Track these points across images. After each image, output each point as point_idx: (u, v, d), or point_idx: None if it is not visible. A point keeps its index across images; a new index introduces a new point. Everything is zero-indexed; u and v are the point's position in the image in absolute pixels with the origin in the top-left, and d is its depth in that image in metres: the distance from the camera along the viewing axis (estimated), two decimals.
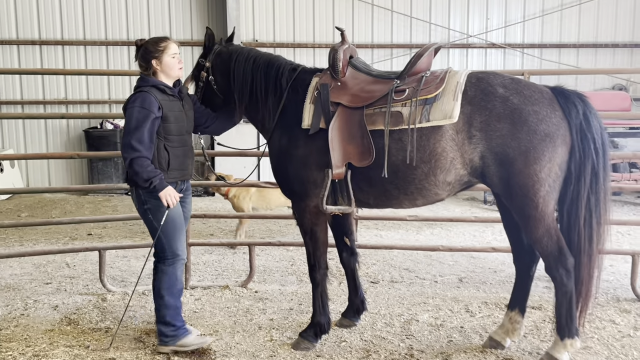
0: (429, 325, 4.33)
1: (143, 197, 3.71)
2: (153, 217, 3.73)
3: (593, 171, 3.37)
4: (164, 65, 3.74)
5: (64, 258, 6.26)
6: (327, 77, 3.84)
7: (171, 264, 3.79)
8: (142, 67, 3.78)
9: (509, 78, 3.52)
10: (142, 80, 3.76)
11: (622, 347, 3.91)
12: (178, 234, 3.80)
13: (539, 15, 12.13)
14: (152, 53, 3.73)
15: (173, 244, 3.77)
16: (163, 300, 3.79)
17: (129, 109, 3.63)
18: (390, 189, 3.64)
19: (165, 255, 3.79)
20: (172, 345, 3.82)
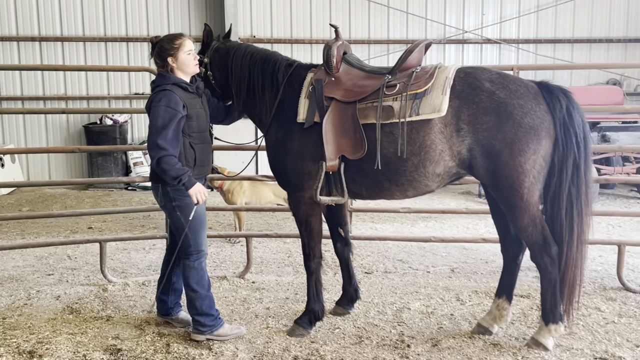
0: (420, 313, 4.47)
1: (171, 195, 3.76)
2: (181, 213, 3.78)
3: (574, 164, 3.51)
4: (179, 62, 3.78)
5: (65, 250, 6.39)
6: (321, 72, 3.96)
7: (197, 259, 3.88)
8: (159, 65, 3.80)
9: (496, 73, 3.65)
10: (163, 78, 3.77)
11: (606, 332, 4.04)
12: (203, 229, 3.90)
13: (534, 10, 12.24)
14: (167, 51, 3.76)
15: (198, 240, 3.86)
16: (197, 294, 3.87)
17: (154, 107, 3.65)
18: (382, 181, 3.77)
19: (190, 251, 3.85)
20: (208, 334, 3.92)
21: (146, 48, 11.67)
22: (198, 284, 3.89)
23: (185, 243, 3.84)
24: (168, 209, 3.84)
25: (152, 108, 3.67)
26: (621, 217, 7.82)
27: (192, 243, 3.84)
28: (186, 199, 3.73)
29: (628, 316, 4.35)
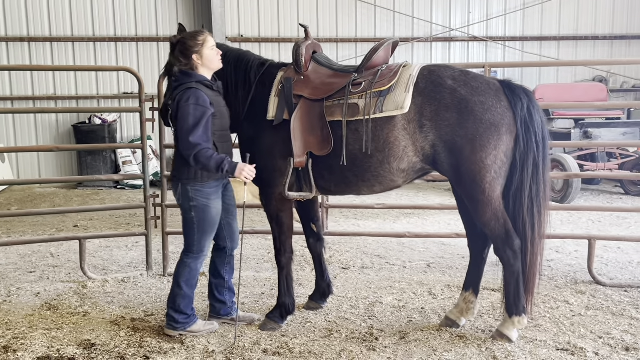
0: (392, 307, 4.55)
1: (190, 194, 3.79)
2: (196, 214, 3.82)
3: (534, 163, 3.61)
4: (205, 59, 3.77)
5: (49, 248, 6.46)
6: (291, 71, 4.04)
7: (195, 258, 3.93)
8: (182, 63, 3.77)
9: (459, 71, 3.73)
10: (187, 76, 3.75)
11: (572, 324, 4.12)
12: (211, 232, 3.94)
13: (520, 8, 12.33)
14: (192, 48, 3.74)
15: (203, 241, 3.91)
16: (181, 290, 3.93)
17: (183, 107, 3.63)
18: (349, 177, 3.85)
19: (192, 249, 3.91)
20: (181, 330, 3.99)
21: (134, 48, 11.77)
22: (187, 283, 3.95)
23: (190, 241, 3.90)
24: (184, 207, 3.86)
25: (180, 107, 3.65)
26: (602, 213, 7.92)
27: (196, 242, 3.89)
28: (204, 200, 3.80)
29: (595, 309, 4.43)
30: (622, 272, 5.41)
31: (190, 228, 3.88)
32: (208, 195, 3.84)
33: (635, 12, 12.61)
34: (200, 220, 3.84)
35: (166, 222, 5.50)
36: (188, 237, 3.92)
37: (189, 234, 3.91)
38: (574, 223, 7.55)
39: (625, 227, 7.27)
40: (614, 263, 5.68)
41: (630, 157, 9.31)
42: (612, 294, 4.74)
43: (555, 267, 5.57)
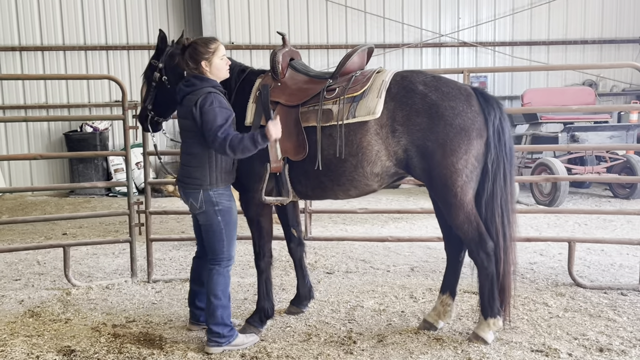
0: (372, 310, 4.58)
1: (214, 199, 3.74)
2: (222, 218, 3.76)
3: (505, 171, 3.69)
4: (213, 67, 3.75)
5: (35, 256, 6.49)
6: (268, 78, 4.09)
7: (227, 266, 3.85)
8: (191, 67, 3.75)
9: (431, 76, 3.78)
10: (203, 81, 3.72)
11: (548, 326, 4.15)
12: (235, 235, 3.89)
13: (509, 13, 12.41)
14: (202, 54, 3.71)
15: (231, 246, 3.86)
16: (221, 302, 3.81)
17: (208, 109, 3.60)
18: (325, 181, 3.89)
19: (222, 257, 3.83)
20: (225, 345, 3.86)
21: (125, 56, 11.84)
22: (224, 292, 3.84)
23: (219, 249, 3.82)
24: (209, 214, 3.77)
25: (205, 111, 3.60)
26: (589, 215, 7.96)
27: (226, 249, 3.83)
28: (228, 202, 3.79)
29: (573, 310, 4.46)
30: (603, 274, 5.45)
31: (219, 235, 3.79)
32: (229, 197, 3.83)
33: (624, 16, 12.70)
34: (227, 224, 3.80)
35: (150, 228, 5.53)
36: (216, 245, 3.81)
37: (217, 242, 3.81)
38: (560, 226, 7.59)
39: (610, 230, 7.31)
40: (596, 265, 5.71)
41: (618, 160, 9.36)
42: (591, 296, 4.77)
43: (538, 269, 5.61)
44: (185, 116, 3.73)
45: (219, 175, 3.77)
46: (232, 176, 3.88)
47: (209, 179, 3.76)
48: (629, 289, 4.91)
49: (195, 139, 3.73)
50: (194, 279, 4.22)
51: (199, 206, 3.79)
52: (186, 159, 3.84)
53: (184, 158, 3.86)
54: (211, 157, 3.74)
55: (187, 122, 3.74)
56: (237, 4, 11.92)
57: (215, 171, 3.76)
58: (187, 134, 3.79)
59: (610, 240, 5.42)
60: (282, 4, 12.01)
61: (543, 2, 12.38)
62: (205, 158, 3.74)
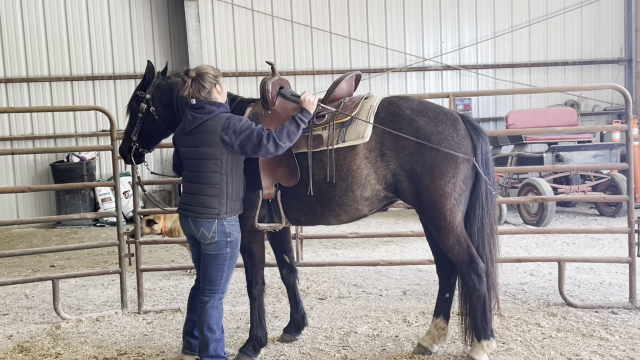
0: (367, 336, 4.56)
1: (227, 230, 3.73)
2: (230, 250, 3.77)
3: (492, 200, 3.81)
4: (223, 91, 3.86)
5: (23, 290, 6.40)
6: (258, 106, 4.13)
7: (220, 298, 3.84)
8: (203, 92, 3.76)
9: (418, 101, 3.84)
10: (218, 106, 3.77)
11: (542, 347, 4.16)
12: (233, 270, 3.89)
13: (491, 37, 12.65)
14: (215, 78, 3.80)
15: (230, 278, 3.86)
16: (215, 335, 3.81)
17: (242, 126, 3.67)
18: (316, 206, 3.92)
19: (218, 288, 3.81)
20: None
21: (112, 86, 11.87)
22: (217, 325, 3.84)
23: (217, 280, 3.79)
24: (219, 244, 3.75)
25: (239, 129, 3.66)
26: (576, 235, 8.02)
27: (224, 281, 3.82)
28: (238, 234, 3.80)
29: (566, 330, 4.48)
30: (593, 292, 5.48)
31: (221, 266, 3.78)
32: (238, 229, 3.83)
33: (602, 37, 12.99)
34: (233, 256, 3.80)
35: (140, 258, 5.49)
36: (216, 276, 3.79)
37: (217, 274, 3.78)
38: (549, 245, 7.64)
39: (598, 248, 7.37)
40: (586, 284, 5.75)
41: (602, 179, 9.49)
42: (582, 315, 4.80)
43: (529, 290, 5.63)
44: (206, 144, 3.69)
45: (232, 204, 3.78)
46: (241, 205, 3.88)
47: (226, 208, 3.74)
48: (620, 308, 4.94)
49: (215, 167, 3.70)
50: (193, 308, 4.12)
51: (210, 236, 3.74)
52: (199, 187, 3.76)
53: (196, 187, 3.78)
54: (227, 185, 3.73)
55: (206, 150, 3.69)
56: (223, 31, 12.03)
57: (230, 200, 3.76)
58: (203, 163, 3.72)
59: (599, 259, 5.46)
60: (267, 30, 12.14)
61: (523, 25, 12.64)
62: (223, 186, 3.73)
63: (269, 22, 12.12)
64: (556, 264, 6.08)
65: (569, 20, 12.79)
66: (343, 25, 12.29)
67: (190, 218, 3.78)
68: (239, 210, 3.85)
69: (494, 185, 3.80)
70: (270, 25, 12.12)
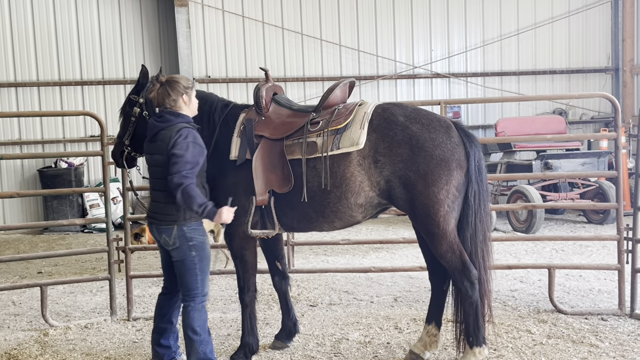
0: (358, 343, 4.55)
1: (188, 234, 3.73)
2: (196, 253, 3.75)
3: (485, 207, 3.82)
4: (192, 102, 3.83)
5: (10, 296, 6.32)
6: (252, 112, 4.13)
7: (201, 301, 3.81)
8: (170, 100, 3.75)
9: (411, 108, 3.86)
10: (177, 116, 3.74)
11: (533, 354, 4.18)
12: (209, 270, 3.86)
13: (480, 45, 12.74)
14: (184, 89, 3.77)
15: (205, 281, 3.82)
16: (200, 337, 3.78)
17: (182, 142, 3.61)
18: (310, 213, 3.91)
19: (196, 293, 3.78)
20: None
21: (101, 91, 11.81)
22: (202, 327, 3.80)
23: (192, 285, 3.77)
24: (183, 249, 3.75)
25: (178, 143, 3.61)
26: (565, 242, 8.08)
27: (200, 285, 3.79)
28: (202, 237, 3.77)
29: (556, 337, 4.50)
30: (583, 299, 5.52)
31: (192, 270, 3.76)
32: (203, 233, 3.82)
33: (590, 47, 13.13)
34: (200, 259, 3.77)
35: (130, 265, 5.45)
36: (190, 281, 3.77)
37: (191, 278, 3.77)
38: (538, 252, 7.68)
39: (587, 255, 7.43)
40: (575, 291, 5.79)
41: (590, 187, 9.57)
42: (572, 322, 4.83)
43: (519, 296, 5.66)
44: (160, 152, 3.72)
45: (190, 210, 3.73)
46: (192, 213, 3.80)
47: (184, 215, 3.73)
48: (609, 314, 4.98)
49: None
50: (161, 316, 4.07)
51: (172, 242, 3.77)
52: (157, 195, 3.81)
53: (155, 194, 3.83)
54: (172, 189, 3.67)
55: (160, 158, 3.73)
56: (214, 37, 12.01)
57: None
58: (159, 170, 3.75)
59: (589, 266, 5.50)
60: (258, 37, 12.14)
61: (512, 34, 12.75)
62: None
63: (260, 28, 12.13)
64: (545, 271, 6.13)
65: (557, 30, 12.92)
66: (334, 33, 12.32)
67: (154, 225, 3.82)
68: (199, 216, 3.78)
69: (487, 192, 3.81)
70: (261, 31, 12.13)
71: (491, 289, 3.88)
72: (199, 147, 3.69)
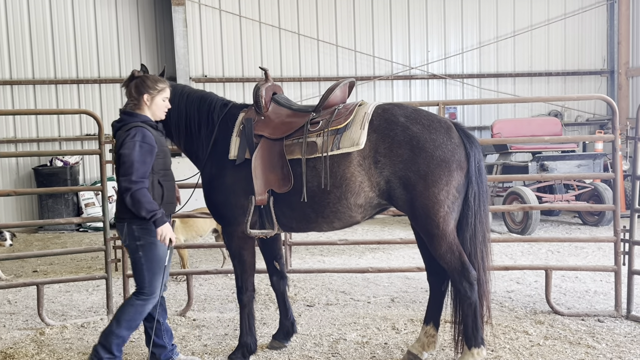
0: (356, 343, 4.55)
1: (137, 234, 3.73)
2: (143, 253, 3.75)
3: (485, 208, 3.82)
4: (154, 104, 3.81)
5: (6, 295, 6.29)
6: (251, 112, 4.12)
7: (145, 300, 3.80)
8: (132, 98, 3.80)
9: (412, 109, 3.86)
10: (132, 116, 3.77)
11: (530, 355, 4.19)
12: (161, 272, 3.82)
13: (476, 47, 12.78)
14: (148, 88, 3.77)
15: (154, 282, 3.80)
16: (119, 329, 3.79)
17: (128, 142, 3.61)
18: (309, 213, 3.91)
19: (144, 290, 3.79)
20: None
21: (97, 90, 11.77)
22: (128, 323, 3.80)
23: (140, 282, 3.81)
24: (131, 248, 3.79)
25: (125, 143, 3.62)
26: (560, 243, 8.11)
27: (148, 284, 3.79)
28: (151, 238, 3.73)
29: (553, 338, 4.51)
30: (579, 301, 5.54)
31: (140, 269, 3.78)
32: (154, 233, 3.74)
33: (585, 49, 13.20)
34: (148, 260, 3.76)
35: (127, 264, 5.43)
36: (139, 278, 3.81)
37: (139, 276, 3.80)
38: (533, 254, 7.71)
39: (582, 257, 7.46)
40: (571, 292, 5.81)
41: (586, 189, 9.61)
42: (569, 323, 4.84)
43: (516, 298, 5.67)
44: (115, 150, 3.77)
45: None
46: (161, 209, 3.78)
47: (132, 213, 3.70)
48: (606, 316, 5.00)
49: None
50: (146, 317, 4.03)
51: (123, 239, 3.83)
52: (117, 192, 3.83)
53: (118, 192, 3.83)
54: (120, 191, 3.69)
55: (114, 157, 3.77)
56: (210, 37, 12.00)
57: None
58: (116, 169, 3.77)
59: (586, 267, 5.51)
60: (255, 36, 12.14)
61: (508, 35, 12.80)
62: None
63: (257, 28, 12.13)
64: (541, 272, 6.16)
65: (553, 32, 12.97)
66: (330, 33, 12.34)
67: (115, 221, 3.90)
68: None
69: (487, 193, 3.82)
70: (258, 31, 12.12)
71: (490, 290, 3.88)
72: (148, 145, 3.65)
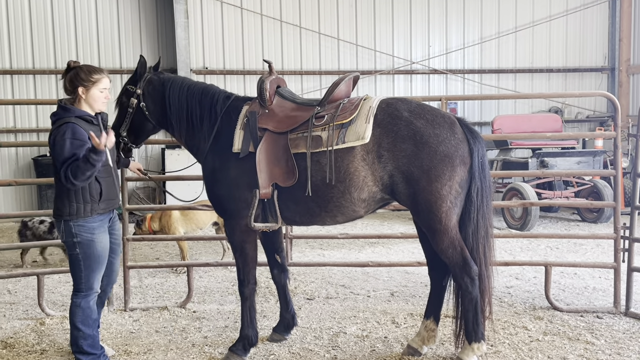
0: (356, 336, 4.57)
1: (73, 230, 3.70)
2: (80, 250, 3.72)
3: (488, 203, 3.82)
4: (89, 96, 3.73)
5: (6, 285, 6.29)
6: (255, 105, 4.11)
7: (85, 297, 3.79)
8: (68, 91, 3.75)
9: (416, 104, 3.86)
10: (65, 111, 3.69)
11: (530, 350, 4.21)
12: (100, 268, 3.82)
13: (477, 42, 12.76)
14: (82, 81, 3.69)
15: (91, 278, 3.78)
16: (80, 332, 3.80)
17: (59, 141, 3.56)
18: (313, 207, 3.91)
19: (80, 287, 3.79)
20: None
21: None
22: (83, 323, 3.81)
23: (77, 279, 3.78)
24: (68, 244, 3.75)
25: (57, 142, 3.57)
26: (559, 239, 8.13)
27: (84, 280, 3.77)
28: (88, 235, 3.71)
29: (552, 334, 4.53)
30: (578, 297, 5.56)
31: (77, 265, 3.75)
32: (92, 230, 3.73)
33: (587, 46, 13.19)
34: (86, 257, 3.73)
35: (127, 255, 5.44)
36: (75, 275, 3.78)
37: (75, 272, 3.77)
38: (532, 250, 7.73)
39: (581, 253, 7.48)
40: (570, 288, 5.83)
41: (585, 185, 9.63)
42: (568, 319, 4.86)
43: (515, 293, 5.69)
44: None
45: (78, 206, 3.69)
46: (98, 207, 3.77)
47: (69, 210, 3.69)
48: (605, 312, 5.02)
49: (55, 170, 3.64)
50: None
51: (61, 236, 3.78)
52: (55, 190, 3.78)
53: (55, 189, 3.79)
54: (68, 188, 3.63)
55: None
56: (212, 29, 11.96)
57: (76, 202, 3.69)
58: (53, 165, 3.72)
59: (585, 264, 5.54)
60: (256, 29, 12.11)
61: (510, 31, 12.78)
62: (64, 188, 3.64)
63: (258, 20, 12.09)
64: (540, 268, 6.19)
65: (555, 28, 12.96)
66: (332, 27, 12.31)
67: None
68: (89, 212, 3.72)
69: (490, 189, 3.83)
70: (259, 23, 12.09)
71: (492, 286, 3.89)
72: (78, 141, 3.58)
